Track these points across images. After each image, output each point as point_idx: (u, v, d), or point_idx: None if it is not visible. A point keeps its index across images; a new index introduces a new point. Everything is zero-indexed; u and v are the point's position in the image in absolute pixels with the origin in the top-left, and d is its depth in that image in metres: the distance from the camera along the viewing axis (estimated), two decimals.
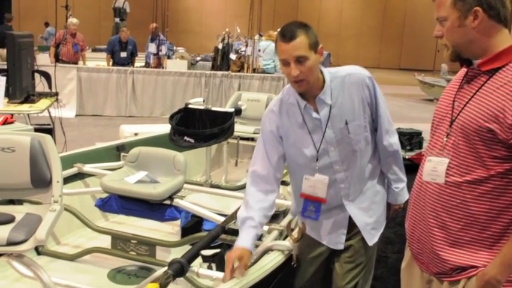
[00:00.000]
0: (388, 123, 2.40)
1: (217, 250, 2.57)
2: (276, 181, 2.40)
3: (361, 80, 2.30)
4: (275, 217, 4.04)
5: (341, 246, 2.44)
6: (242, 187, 4.64)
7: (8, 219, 2.22)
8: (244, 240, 2.25)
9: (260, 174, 2.37)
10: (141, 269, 3.39)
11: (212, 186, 4.57)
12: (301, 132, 2.33)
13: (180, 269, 2.29)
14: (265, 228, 2.98)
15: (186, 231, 3.79)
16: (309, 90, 2.26)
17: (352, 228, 2.42)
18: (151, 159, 3.51)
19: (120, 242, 3.40)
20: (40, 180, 2.45)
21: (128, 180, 3.31)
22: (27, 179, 2.44)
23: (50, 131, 5.87)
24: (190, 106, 4.45)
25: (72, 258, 3.44)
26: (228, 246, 3.61)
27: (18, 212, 2.35)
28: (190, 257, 2.42)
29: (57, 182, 2.43)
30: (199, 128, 4.29)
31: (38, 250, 3.48)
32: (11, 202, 3.19)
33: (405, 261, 2.05)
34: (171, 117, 4.31)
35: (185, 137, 4.15)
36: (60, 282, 2.80)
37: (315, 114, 2.29)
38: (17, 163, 2.44)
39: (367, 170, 2.39)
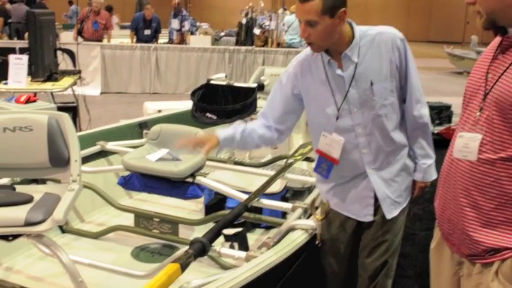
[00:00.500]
0: (419, 92, 2.29)
1: (239, 229, 2.52)
2: (274, 130, 2.43)
3: (392, 40, 2.19)
4: (299, 194, 3.99)
5: (370, 218, 2.35)
6: (266, 164, 4.57)
7: (27, 200, 2.19)
8: (220, 131, 2.36)
9: (261, 122, 2.44)
10: (165, 246, 3.37)
11: (236, 163, 4.50)
12: (323, 90, 2.25)
13: (201, 248, 2.24)
14: (289, 205, 2.92)
15: (209, 208, 3.76)
16: (333, 46, 2.18)
17: (376, 201, 2.33)
18: (173, 136, 3.46)
19: (143, 220, 3.38)
20: (58, 159, 2.41)
21: (149, 158, 3.27)
22: (46, 158, 2.41)
23: (74, 109, 5.90)
24: (212, 82, 4.37)
25: (95, 236, 3.44)
26: (252, 224, 3.58)
27: (38, 191, 2.33)
28: (212, 236, 2.37)
29: (75, 161, 2.39)
30: (221, 104, 4.22)
31: (62, 228, 3.49)
32: (35, 181, 3.19)
33: (434, 241, 1.95)
34: (193, 93, 4.24)
35: (207, 114, 4.08)
36: (82, 260, 2.79)
37: (338, 71, 2.20)
38: (35, 142, 2.41)
39: (394, 139, 2.27)
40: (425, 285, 2.19)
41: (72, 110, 5.88)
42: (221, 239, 2.47)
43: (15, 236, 2.13)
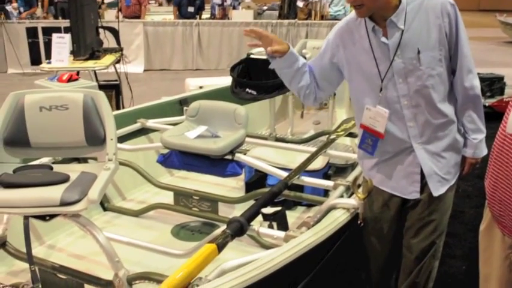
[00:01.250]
0: (470, 62, 2.14)
1: (278, 208, 2.45)
2: (314, 89, 2.33)
3: (442, 6, 2.04)
4: (343, 170, 3.88)
5: (416, 195, 2.23)
6: (308, 140, 4.48)
7: (63, 179, 2.18)
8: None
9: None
10: (205, 225, 3.35)
11: (277, 139, 4.43)
12: (366, 59, 2.13)
13: (239, 228, 2.20)
14: (331, 183, 2.83)
15: (250, 186, 3.71)
16: (378, 12, 2.05)
17: (423, 178, 2.21)
18: (212, 113, 3.40)
19: (183, 198, 3.36)
20: (94, 138, 2.39)
21: (188, 135, 3.22)
22: (82, 137, 2.39)
23: (117, 87, 5.92)
24: (252, 56, 4.27)
25: (136, 214, 3.44)
26: (294, 202, 3.51)
27: (74, 170, 2.31)
28: (250, 216, 2.32)
29: (111, 139, 2.36)
30: (262, 79, 4.12)
31: (104, 206, 3.51)
32: (76, 160, 3.20)
33: (484, 223, 1.83)
34: (232, 68, 4.16)
35: (247, 89, 3.99)
36: (121, 239, 2.79)
37: (383, 39, 2.08)
38: (71, 121, 2.39)
39: (441, 112, 2.13)
40: (474, 267, 2.09)
41: (114, 88, 5.91)
42: (260, 217, 2.41)
43: (52, 216, 2.12)
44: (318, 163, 3.55)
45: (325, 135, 4.22)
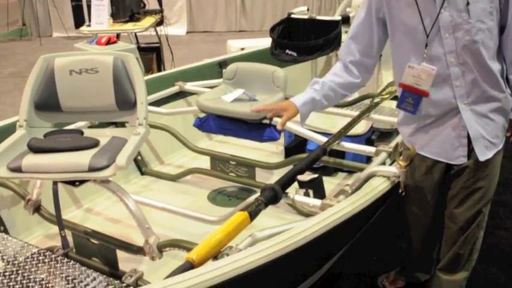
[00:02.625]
0: None
1: (315, 175, 2.35)
2: (358, 67, 2.24)
3: None
4: (387, 135, 3.72)
5: (463, 160, 2.08)
6: (351, 103, 4.30)
7: (93, 144, 2.13)
8: (297, 97, 2.23)
9: (345, 57, 2.26)
10: (242, 190, 3.28)
11: None
12: (409, 13, 1.97)
13: (273, 196, 2.11)
14: (372, 149, 2.70)
15: (289, 151, 3.61)
16: None
17: (470, 143, 2.05)
18: (249, 75, 3.27)
19: (219, 163, 3.29)
20: (125, 102, 2.31)
21: (225, 98, 3.12)
22: (112, 100, 2.32)
23: (158, 49, 5.87)
24: (293, 16, 4.10)
25: (173, 178, 3.41)
26: (334, 169, 3.38)
27: (105, 135, 2.26)
28: (285, 183, 2.22)
29: (142, 103, 2.28)
30: (303, 39, 3.96)
31: (141, 170, 3.49)
32: (113, 124, 3.16)
33: None
34: (272, 29, 4.01)
35: (287, 50, 3.85)
36: (156, 204, 2.76)
37: None
38: (102, 84, 2.32)
39: (490, 70, 1.96)
40: None
41: (155, 51, 5.86)
42: (297, 184, 2.31)
43: (81, 182, 2.08)
44: (361, 128, 3.41)
45: (370, 98, 4.04)
